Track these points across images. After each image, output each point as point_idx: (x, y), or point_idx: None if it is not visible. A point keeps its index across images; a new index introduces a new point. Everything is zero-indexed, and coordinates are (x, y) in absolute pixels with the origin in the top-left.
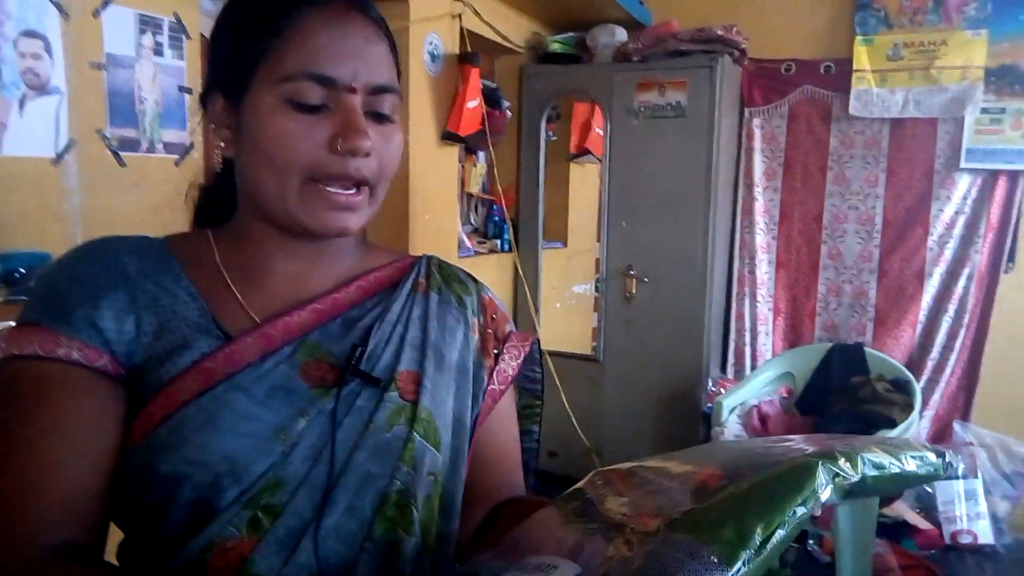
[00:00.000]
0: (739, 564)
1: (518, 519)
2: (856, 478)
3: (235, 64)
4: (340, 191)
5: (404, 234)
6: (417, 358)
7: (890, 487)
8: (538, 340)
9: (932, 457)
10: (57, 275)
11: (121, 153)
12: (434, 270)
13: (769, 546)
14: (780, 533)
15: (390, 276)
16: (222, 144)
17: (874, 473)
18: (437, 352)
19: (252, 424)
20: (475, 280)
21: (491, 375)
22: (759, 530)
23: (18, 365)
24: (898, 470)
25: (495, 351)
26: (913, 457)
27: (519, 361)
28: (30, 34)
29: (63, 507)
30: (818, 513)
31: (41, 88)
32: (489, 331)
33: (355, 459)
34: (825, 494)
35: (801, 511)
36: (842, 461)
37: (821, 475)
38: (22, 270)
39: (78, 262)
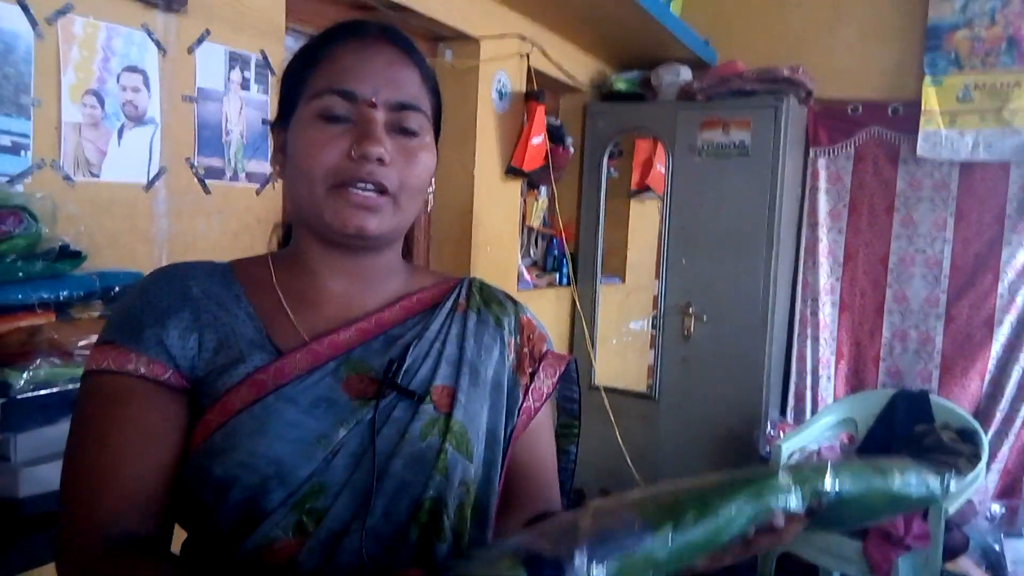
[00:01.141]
0: (665, 531)
1: None
2: (829, 490)
3: (287, 96)
4: (359, 191)
5: (466, 265)
6: (453, 374)
7: (880, 506)
8: (575, 360)
9: (931, 479)
10: (131, 299)
11: (207, 181)
12: (475, 292)
13: (702, 523)
14: (723, 515)
15: (433, 297)
16: (278, 168)
17: (853, 490)
18: (472, 369)
19: (298, 431)
20: (514, 301)
21: (527, 392)
22: (692, 509)
23: (95, 379)
24: (886, 490)
25: (531, 369)
26: (907, 478)
27: (554, 379)
28: (132, 69)
29: (127, 502)
30: (780, 522)
31: (138, 119)
32: (525, 350)
33: (392, 467)
34: (792, 500)
35: (753, 507)
36: (815, 474)
37: (783, 479)
38: (117, 288)
39: (149, 287)
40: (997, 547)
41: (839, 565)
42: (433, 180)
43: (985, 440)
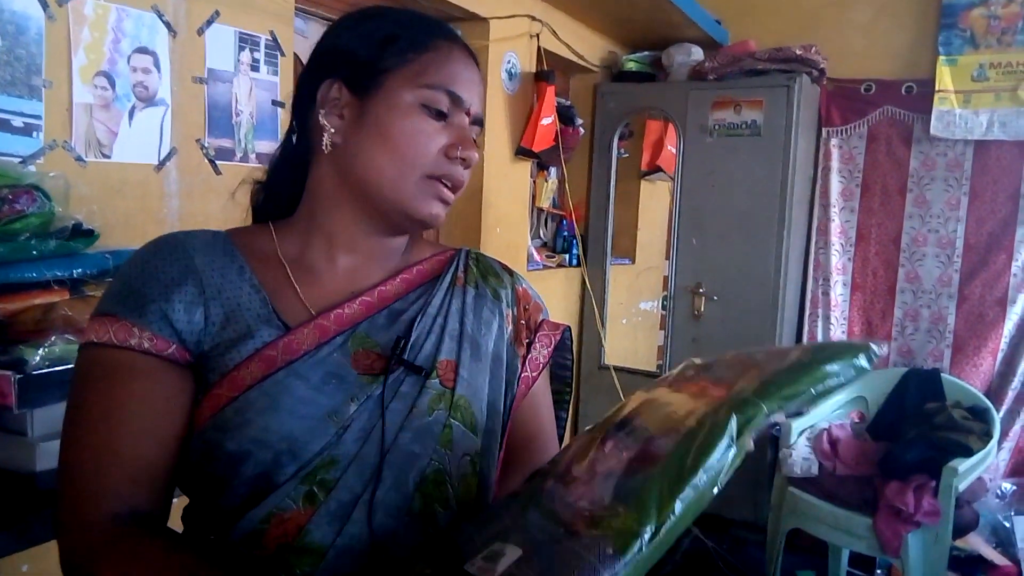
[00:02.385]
0: (633, 551)
1: None
2: (770, 416)
3: (371, 63)
4: (446, 187)
5: (476, 246)
6: (455, 348)
7: (818, 401)
8: (568, 328)
9: (861, 360)
10: (132, 270)
11: (217, 162)
12: (472, 264)
13: (670, 521)
14: (679, 507)
15: (432, 269)
16: (332, 130)
17: (790, 403)
18: (473, 343)
19: (309, 407)
20: (510, 272)
21: (524, 363)
22: (653, 514)
23: (95, 351)
24: (818, 389)
25: (527, 340)
26: (834, 368)
27: (550, 348)
28: (142, 50)
29: (130, 479)
30: (738, 459)
31: (149, 100)
32: (522, 321)
33: (400, 440)
34: (747, 443)
35: (710, 472)
36: (751, 408)
37: (732, 428)
38: None
39: (151, 257)
40: (1007, 524)
41: (849, 541)
42: None
43: (996, 418)
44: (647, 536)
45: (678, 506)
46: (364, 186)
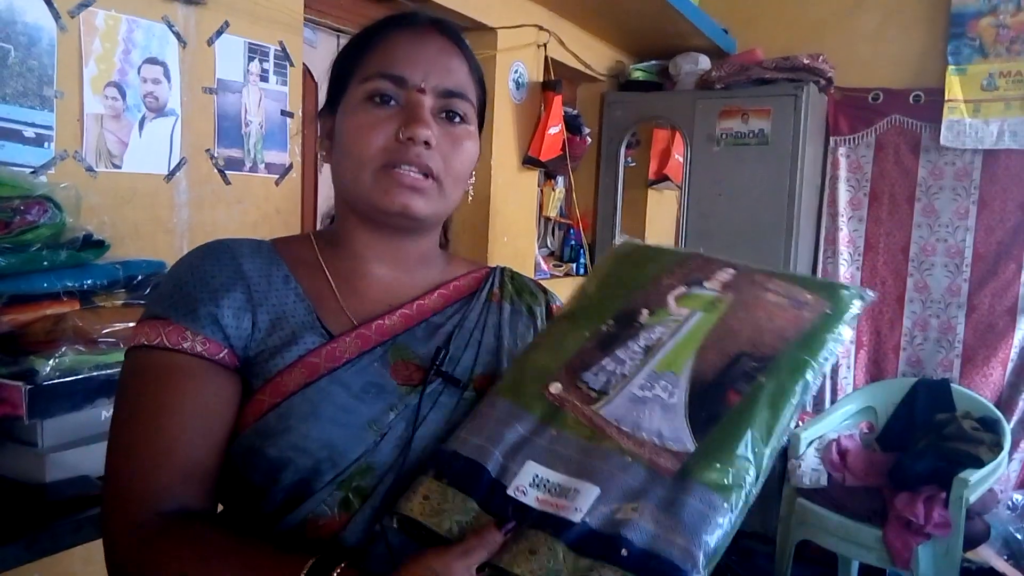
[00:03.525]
0: (742, 503)
1: None
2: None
3: (336, 83)
4: (407, 171)
5: (483, 254)
6: (492, 362)
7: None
8: None
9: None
10: (182, 274)
11: (227, 172)
12: (507, 281)
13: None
14: (770, 455)
15: (468, 285)
16: (323, 152)
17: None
18: (510, 357)
19: (350, 416)
20: (544, 290)
21: None
22: (751, 463)
23: (147, 354)
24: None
25: None
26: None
27: None
28: (152, 61)
29: (182, 478)
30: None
31: (159, 110)
32: None
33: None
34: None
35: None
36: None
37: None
38: (139, 276)
39: (200, 262)
40: (1019, 536)
41: (858, 553)
42: (474, 171)
43: (1007, 429)
44: (750, 486)
45: (768, 455)
46: (343, 195)
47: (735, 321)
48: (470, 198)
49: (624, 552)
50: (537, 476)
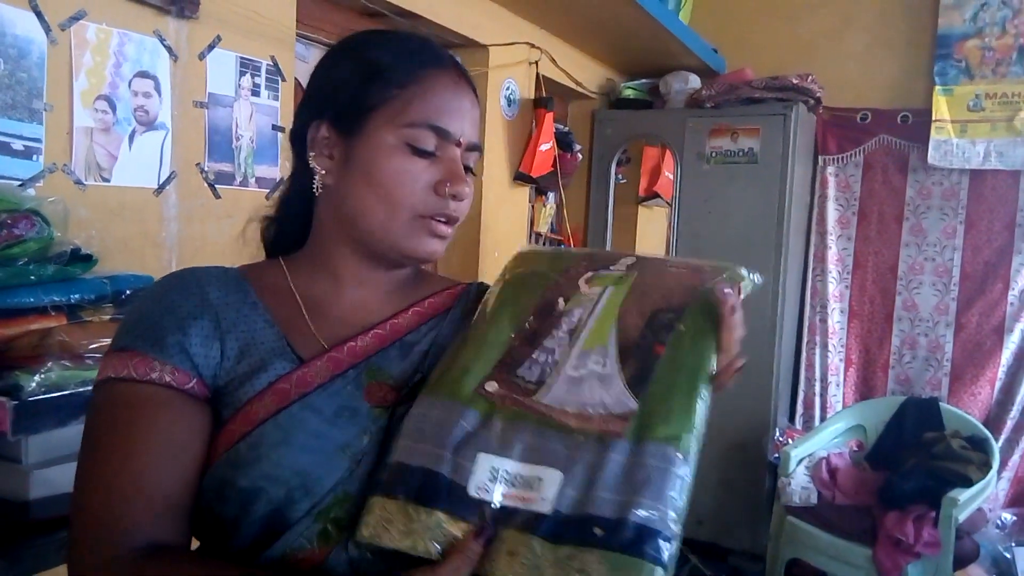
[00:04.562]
0: (695, 450)
1: None
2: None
3: (355, 102)
4: (440, 224)
5: (474, 270)
6: None
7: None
8: None
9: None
10: (148, 305)
11: (217, 186)
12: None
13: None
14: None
15: (443, 302)
16: (323, 171)
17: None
18: None
19: (322, 441)
20: None
21: None
22: (692, 418)
23: (114, 387)
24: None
25: None
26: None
27: None
28: (143, 75)
29: (154, 513)
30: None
31: (149, 124)
32: None
33: None
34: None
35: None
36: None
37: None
38: (128, 291)
39: (166, 292)
40: (1008, 555)
41: (848, 572)
42: None
43: (996, 448)
44: (697, 428)
45: (703, 390)
46: (357, 227)
47: (644, 287)
48: None
49: (598, 531)
50: (494, 468)
